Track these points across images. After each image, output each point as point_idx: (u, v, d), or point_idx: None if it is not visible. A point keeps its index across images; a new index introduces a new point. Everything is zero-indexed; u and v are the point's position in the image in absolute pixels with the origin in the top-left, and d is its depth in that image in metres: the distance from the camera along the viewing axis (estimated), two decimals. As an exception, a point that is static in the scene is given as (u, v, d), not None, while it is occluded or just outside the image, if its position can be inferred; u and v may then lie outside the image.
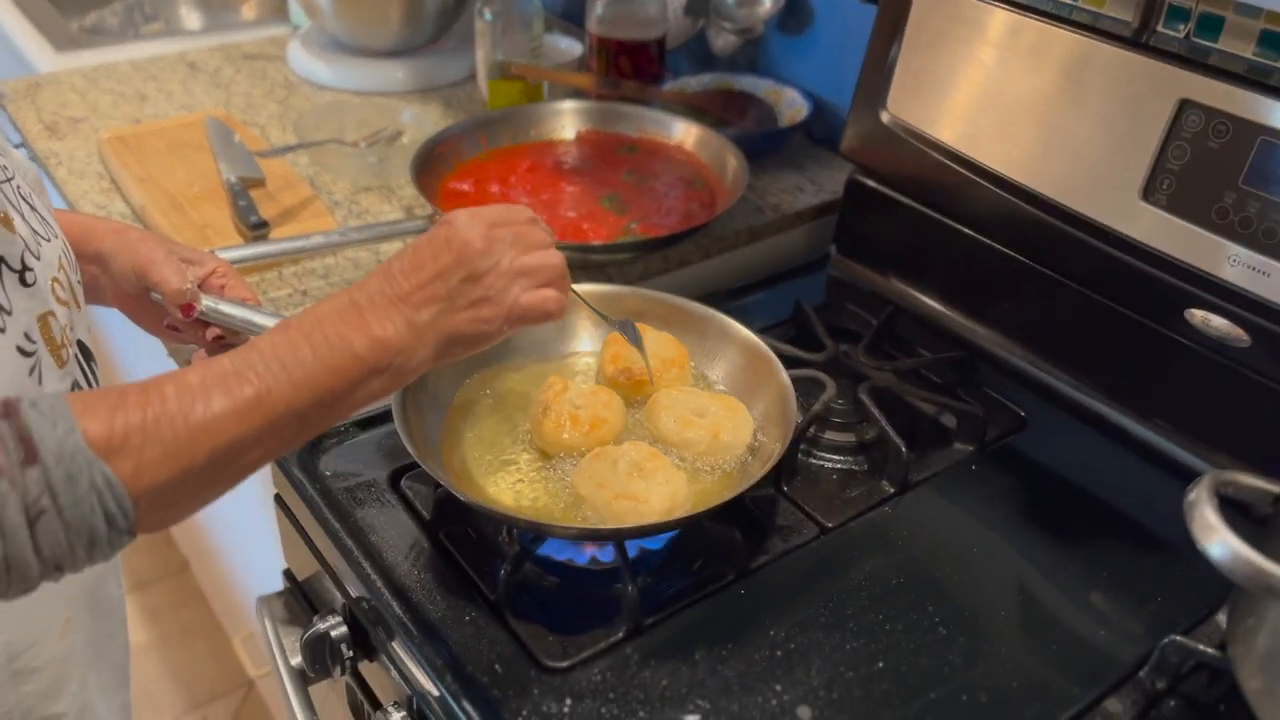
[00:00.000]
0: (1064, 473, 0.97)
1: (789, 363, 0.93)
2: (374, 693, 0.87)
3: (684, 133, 1.33)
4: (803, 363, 1.03)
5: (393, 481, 0.90)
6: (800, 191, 1.34)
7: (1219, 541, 0.63)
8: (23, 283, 0.65)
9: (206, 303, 0.79)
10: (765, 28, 1.47)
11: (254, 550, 1.43)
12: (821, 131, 1.45)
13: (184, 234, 1.17)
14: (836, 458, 0.96)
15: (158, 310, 0.82)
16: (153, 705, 1.89)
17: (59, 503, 0.52)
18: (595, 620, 0.79)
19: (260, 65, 1.65)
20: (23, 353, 0.63)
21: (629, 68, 1.43)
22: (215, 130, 1.35)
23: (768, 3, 1.43)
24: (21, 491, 0.51)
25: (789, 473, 0.93)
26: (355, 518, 0.86)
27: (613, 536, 0.80)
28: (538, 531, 0.81)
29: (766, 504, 0.90)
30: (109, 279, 0.82)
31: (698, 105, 1.41)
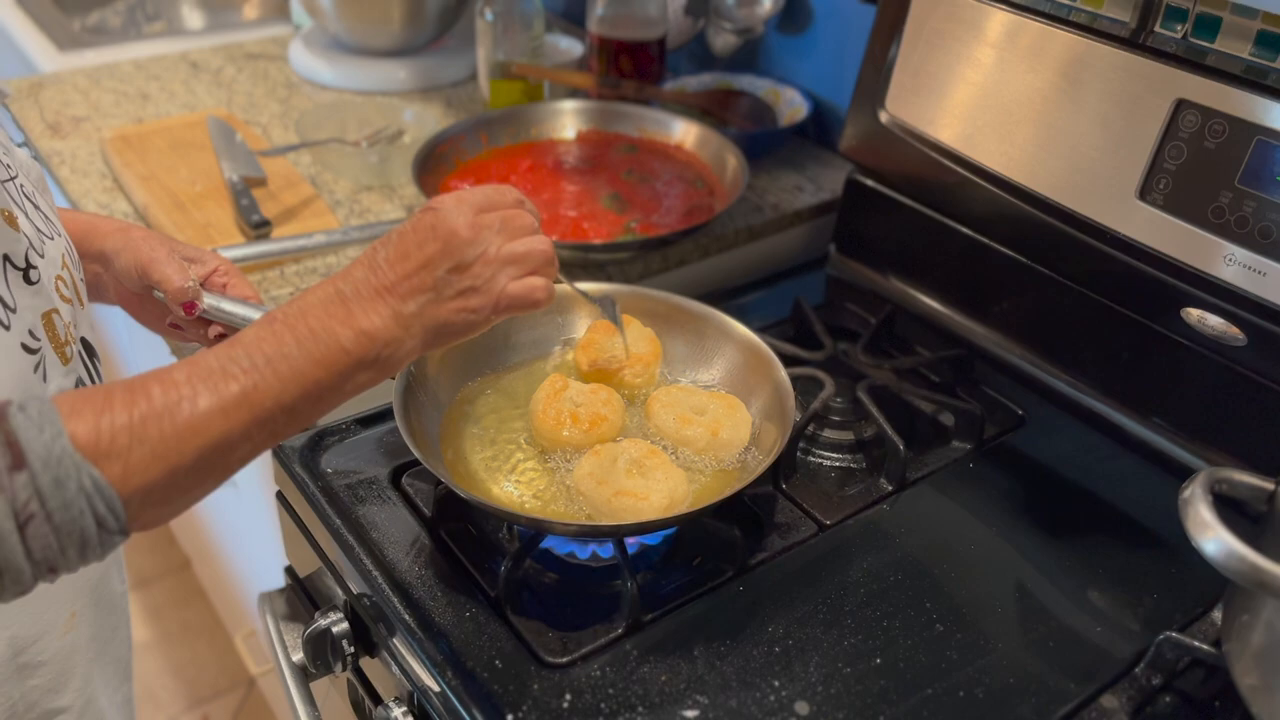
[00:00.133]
0: (1061, 470, 0.98)
1: (788, 361, 0.93)
2: (375, 688, 0.87)
3: (684, 132, 1.34)
4: (802, 361, 1.04)
5: (394, 479, 0.91)
6: (799, 191, 1.35)
7: (1214, 538, 0.63)
8: (27, 280, 0.65)
9: (208, 301, 0.80)
10: (765, 28, 1.48)
11: (255, 547, 1.44)
12: (821, 131, 1.45)
13: (186, 233, 1.18)
14: (835, 456, 0.97)
15: (160, 308, 0.83)
16: (154, 703, 1.90)
17: (48, 507, 0.52)
18: (595, 616, 0.79)
19: (262, 65, 1.65)
20: (27, 350, 0.64)
21: (629, 67, 1.43)
22: (217, 129, 1.35)
23: (767, 3, 1.44)
24: (10, 497, 0.52)
25: (788, 470, 0.93)
26: (356, 515, 0.86)
27: (612, 533, 0.80)
28: (538, 528, 0.82)
29: (765, 501, 0.91)
30: (112, 277, 0.83)
31: (698, 105, 1.41)
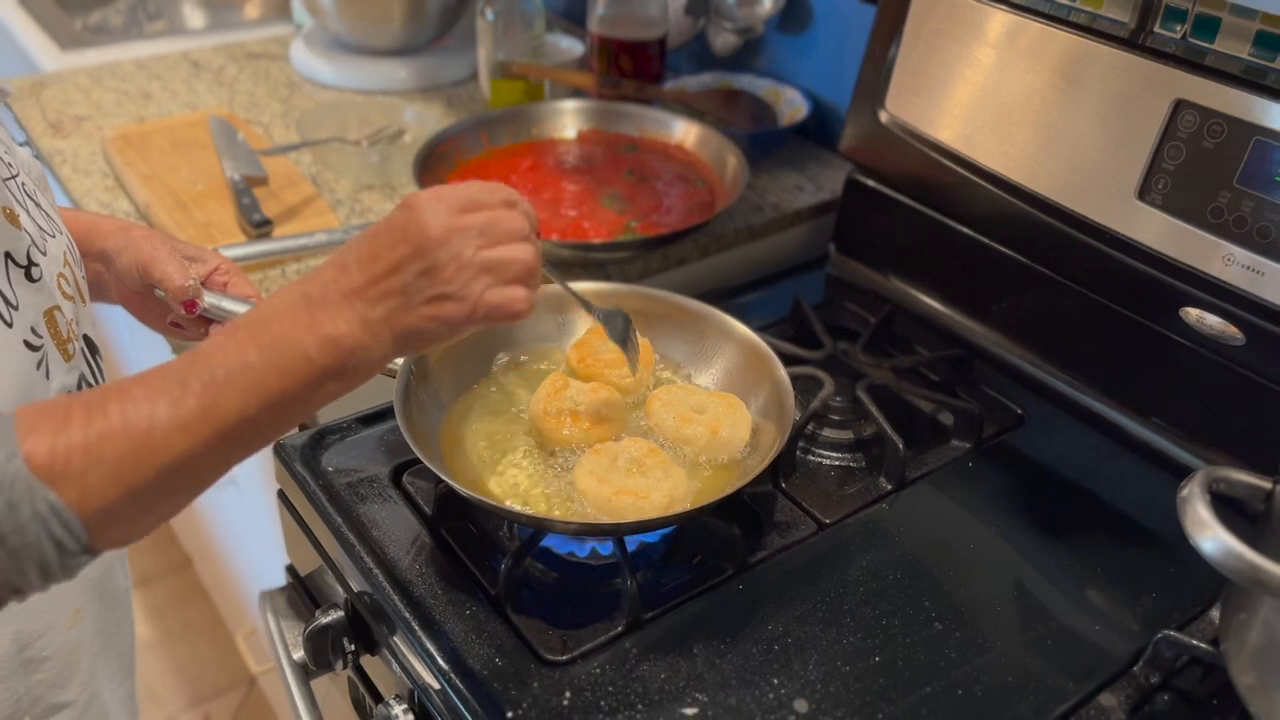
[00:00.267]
0: (1060, 470, 0.98)
1: (787, 360, 0.93)
2: (376, 686, 0.88)
3: (684, 132, 1.34)
4: (801, 360, 1.04)
5: (394, 477, 0.91)
6: (799, 190, 1.35)
7: (1212, 537, 0.64)
8: (29, 278, 0.65)
9: (209, 299, 0.80)
10: (765, 28, 1.48)
11: (256, 546, 1.44)
12: (821, 131, 1.45)
13: (188, 232, 1.18)
14: (834, 455, 0.97)
15: (162, 307, 0.83)
16: (156, 701, 1.90)
17: (1, 530, 0.51)
18: (595, 614, 0.79)
19: (263, 64, 1.65)
20: (30, 347, 0.64)
21: (630, 67, 1.44)
22: (219, 129, 1.36)
23: (768, 3, 1.44)
24: None
25: (787, 469, 0.93)
26: (357, 513, 0.87)
27: (613, 532, 0.81)
28: (538, 527, 0.82)
29: (765, 500, 0.91)
30: (113, 276, 0.83)
31: (698, 105, 1.41)
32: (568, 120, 1.38)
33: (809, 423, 0.97)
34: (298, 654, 0.89)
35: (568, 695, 0.73)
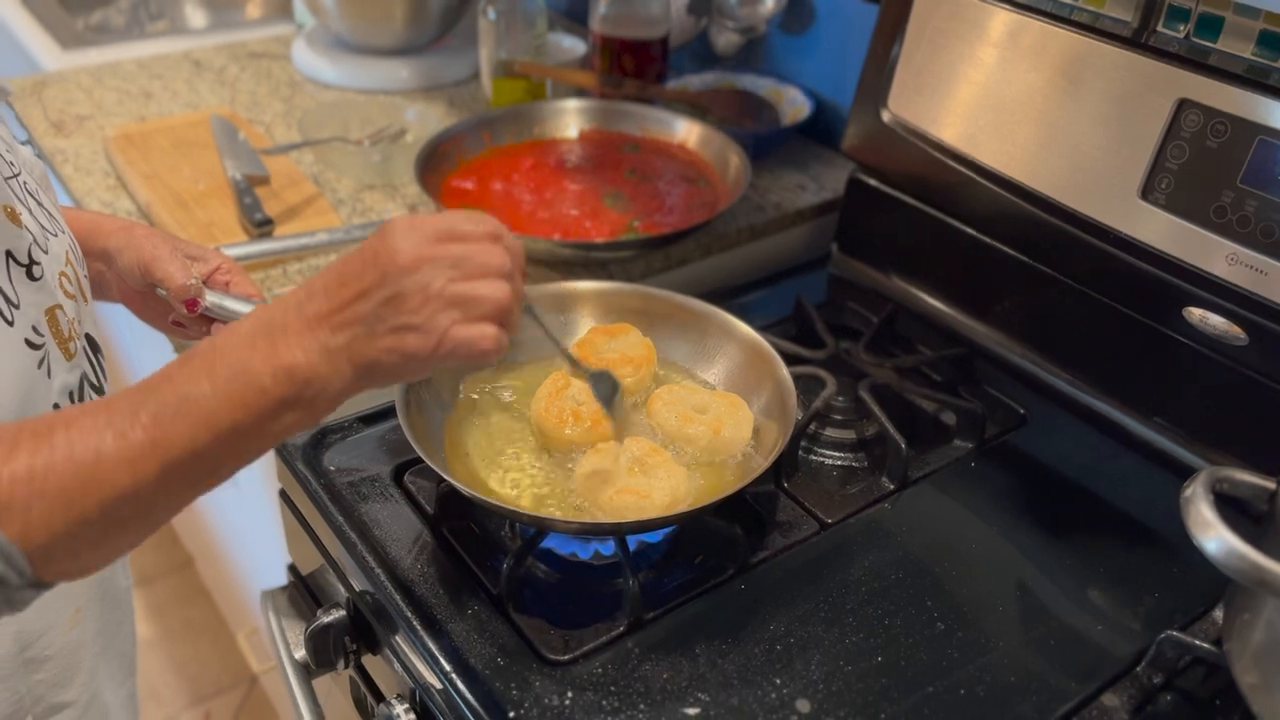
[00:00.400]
0: (1063, 470, 0.98)
1: (790, 360, 0.93)
2: (377, 685, 0.88)
3: (686, 131, 1.34)
4: (803, 360, 1.04)
5: (396, 476, 0.91)
6: (802, 190, 1.35)
7: (1215, 537, 0.64)
8: (30, 276, 0.65)
9: (211, 299, 0.80)
10: (767, 27, 1.48)
11: (258, 545, 1.44)
12: (823, 130, 1.45)
13: (189, 231, 1.18)
14: (837, 454, 0.97)
15: (163, 306, 0.83)
16: (157, 700, 1.90)
17: None
18: (597, 614, 0.79)
19: (265, 64, 1.65)
20: (31, 345, 0.64)
21: (632, 66, 1.44)
22: (220, 128, 1.36)
23: (770, 2, 1.44)
24: None
25: (789, 469, 0.93)
26: (359, 512, 0.87)
27: (614, 531, 0.81)
28: (540, 526, 0.82)
29: (767, 500, 0.91)
30: (115, 275, 0.83)
31: (700, 104, 1.41)
32: (570, 119, 1.38)
33: (811, 422, 0.97)
34: (299, 653, 0.89)
35: (569, 695, 0.73)
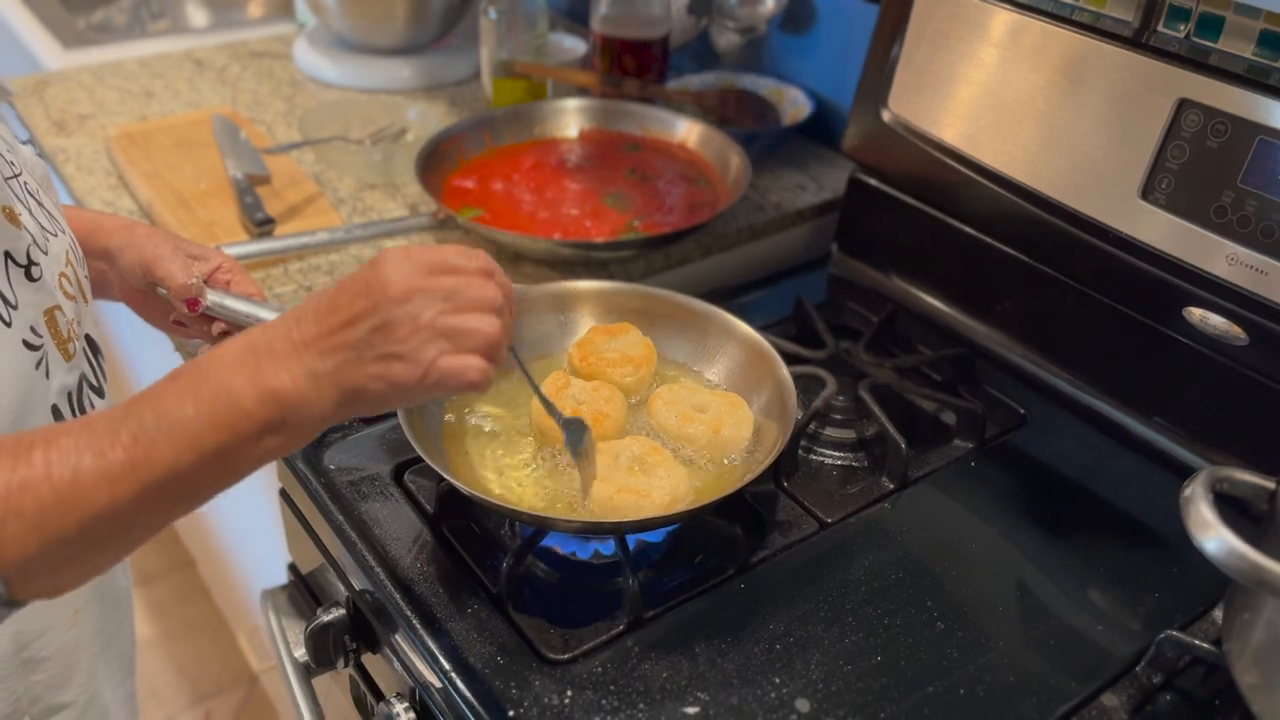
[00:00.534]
0: (1063, 470, 0.98)
1: (790, 360, 0.93)
2: (377, 684, 0.88)
3: (686, 131, 1.34)
4: (803, 360, 1.04)
5: (396, 476, 0.91)
6: (802, 190, 1.35)
7: (1215, 537, 0.63)
8: (29, 277, 0.65)
9: (212, 298, 0.80)
10: (768, 27, 1.48)
11: (258, 545, 1.44)
12: (823, 130, 1.45)
13: (190, 230, 1.18)
14: (837, 454, 0.97)
15: (164, 305, 0.83)
16: (157, 699, 1.90)
17: None
18: (596, 613, 0.79)
19: (266, 63, 1.65)
20: (29, 346, 0.64)
21: (632, 66, 1.44)
22: (222, 127, 1.36)
23: (770, 2, 1.44)
24: None
25: (789, 468, 0.93)
26: (359, 511, 0.87)
27: (614, 530, 0.81)
28: (540, 525, 0.82)
29: (767, 499, 0.91)
30: (116, 274, 0.83)
31: (700, 104, 1.41)
32: (570, 119, 1.38)
33: (811, 422, 0.97)
34: (299, 652, 0.89)
35: (569, 694, 0.73)
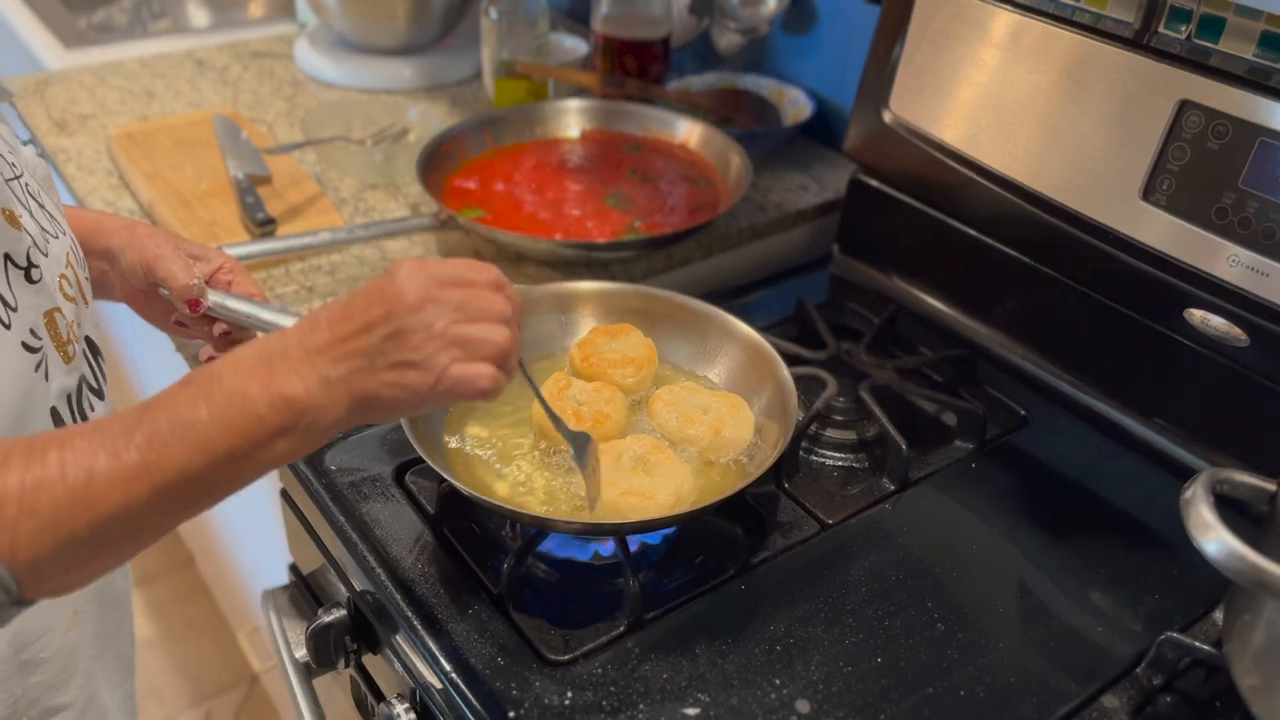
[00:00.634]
0: (1063, 470, 0.98)
1: (791, 360, 0.93)
2: (377, 685, 0.88)
3: (688, 131, 1.34)
4: (804, 360, 1.04)
5: (397, 476, 0.91)
6: (803, 190, 1.35)
7: (1215, 539, 0.64)
8: (28, 279, 0.65)
9: (213, 298, 0.80)
10: (769, 27, 1.48)
11: (259, 545, 1.44)
12: (825, 131, 1.45)
13: (191, 230, 1.18)
14: (837, 455, 0.97)
15: (166, 306, 0.83)
16: (157, 699, 1.91)
17: None
18: (597, 614, 0.79)
19: (268, 63, 1.65)
20: (29, 349, 0.64)
21: (634, 66, 1.44)
22: (223, 127, 1.36)
23: (772, 2, 1.44)
24: None
25: (790, 469, 0.93)
26: (360, 512, 0.87)
27: (615, 531, 0.81)
28: (541, 526, 0.82)
29: (767, 500, 0.91)
30: (117, 275, 0.83)
31: (702, 104, 1.41)
32: (571, 120, 1.38)
33: (812, 423, 0.97)
34: (300, 652, 0.89)
35: (569, 695, 0.73)
